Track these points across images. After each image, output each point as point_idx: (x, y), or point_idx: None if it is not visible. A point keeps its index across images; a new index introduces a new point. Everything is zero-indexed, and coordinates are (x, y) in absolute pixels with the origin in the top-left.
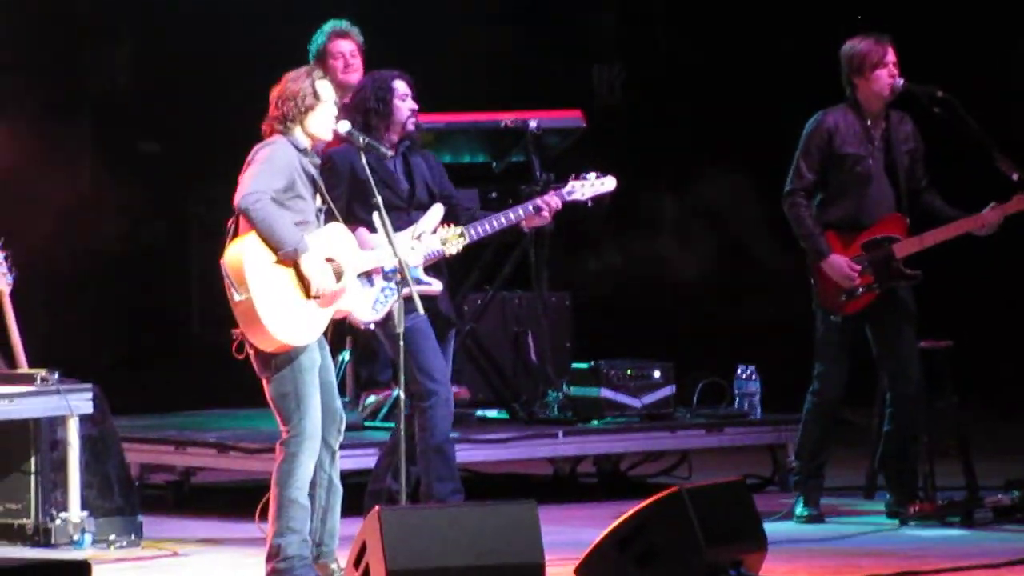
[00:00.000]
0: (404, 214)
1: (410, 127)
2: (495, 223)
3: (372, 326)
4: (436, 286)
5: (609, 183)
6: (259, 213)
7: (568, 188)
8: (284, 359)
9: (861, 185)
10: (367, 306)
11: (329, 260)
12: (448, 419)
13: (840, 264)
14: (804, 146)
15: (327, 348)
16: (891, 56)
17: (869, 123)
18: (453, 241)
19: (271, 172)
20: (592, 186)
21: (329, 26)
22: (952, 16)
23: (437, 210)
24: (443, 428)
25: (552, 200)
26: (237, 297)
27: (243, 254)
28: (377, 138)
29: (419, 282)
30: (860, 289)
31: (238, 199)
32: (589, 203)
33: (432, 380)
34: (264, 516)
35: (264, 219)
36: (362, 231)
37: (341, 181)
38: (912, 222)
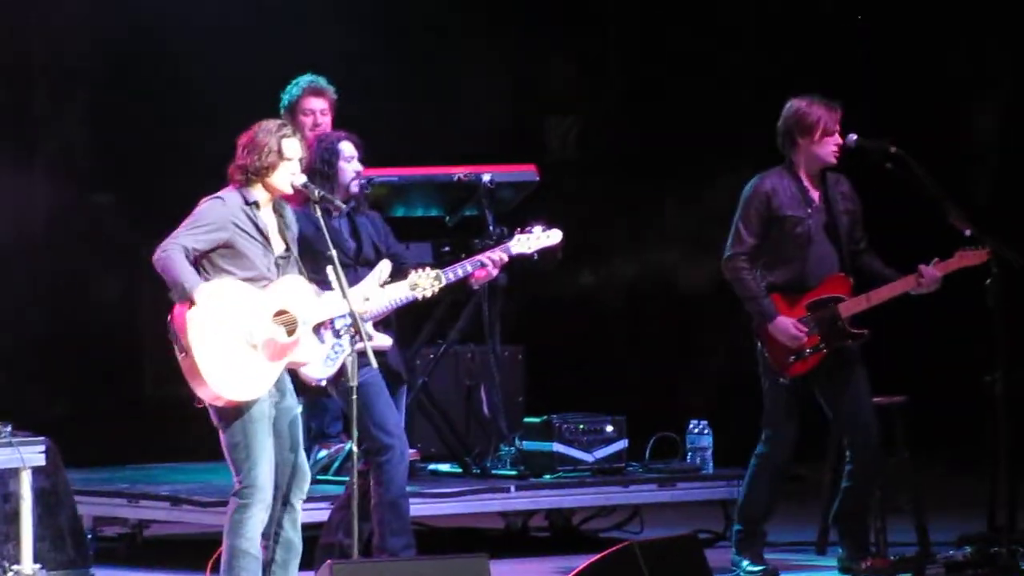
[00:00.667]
0: (351, 271)
1: (354, 189)
2: (447, 276)
3: (323, 382)
4: (386, 341)
5: (555, 236)
6: (160, 262)
7: (514, 240)
8: (234, 411)
9: (802, 247)
10: (319, 363)
11: (282, 312)
12: (404, 473)
13: (787, 325)
14: (743, 211)
15: (293, 401)
16: (838, 124)
17: (806, 184)
18: (426, 284)
19: (190, 228)
20: (538, 239)
21: (305, 81)
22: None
23: (385, 266)
24: (399, 483)
25: (496, 255)
26: (179, 352)
27: (185, 311)
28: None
29: (369, 337)
30: (808, 350)
31: (154, 253)
32: (535, 256)
33: (388, 434)
34: (216, 569)
35: (164, 266)
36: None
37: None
38: (854, 283)
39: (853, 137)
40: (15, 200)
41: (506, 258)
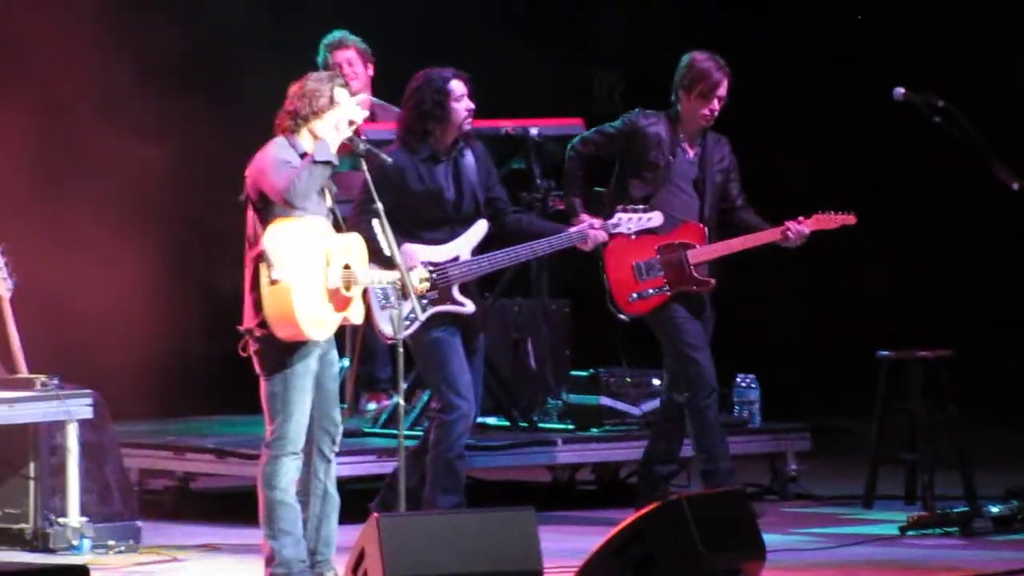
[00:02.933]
0: (448, 228)
1: (466, 127)
2: (532, 249)
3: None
4: (469, 307)
5: (657, 218)
6: (288, 179)
7: (615, 220)
8: (280, 360)
9: (662, 192)
10: (395, 322)
11: (347, 267)
12: (465, 435)
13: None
14: (616, 128)
15: (334, 352)
16: (723, 90)
17: (682, 137)
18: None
19: (278, 166)
20: (640, 220)
21: (327, 39)
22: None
23: (479, 228)
24: (459, 443)
25: (599, 234)
26: (275, 275)
27: (288, 238)
28: (433, 141)
29: (454, 302)
30: (651, 290)
31: (276, 194)
32: (634, 236)
33: (458, 395)
34: None
35: (296, 180)
36: (408, 247)
37: (389, 189)
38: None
39: (900, 90)
40: None
41: (606, 238)
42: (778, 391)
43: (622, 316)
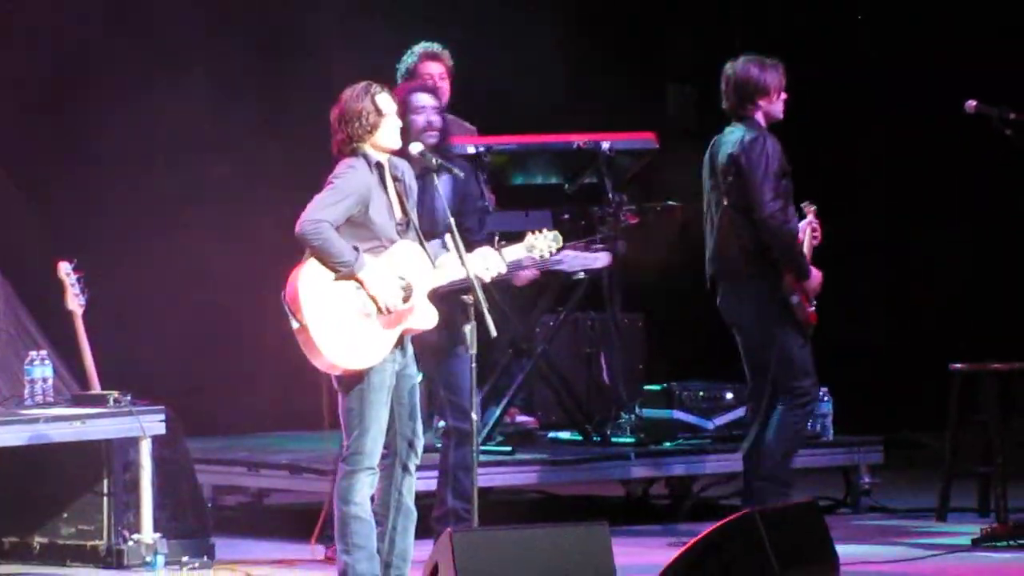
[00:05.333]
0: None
1: (428, 140)
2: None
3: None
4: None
5: (604, 259)
6: (315, 239)
7: (558, 257)
8: (355, 378)
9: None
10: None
11: (400, 278)
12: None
13: (818, 276)
14: (776, 167)
15: (412, 367)
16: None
17: None
18: (544, 246)
19: (335, 200)
20: (584, 259)
21: (420, 47)
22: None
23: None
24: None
25: (527, 274)
26: (295, 324)
27: (299, 281)
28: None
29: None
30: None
31: (299, 224)
32: (582, 274)
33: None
34: (320, 539)
35: (320, 244)
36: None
37: None
38: None
39: (972, 103)
40: None
41: (537, 275)
42: (851, 403)
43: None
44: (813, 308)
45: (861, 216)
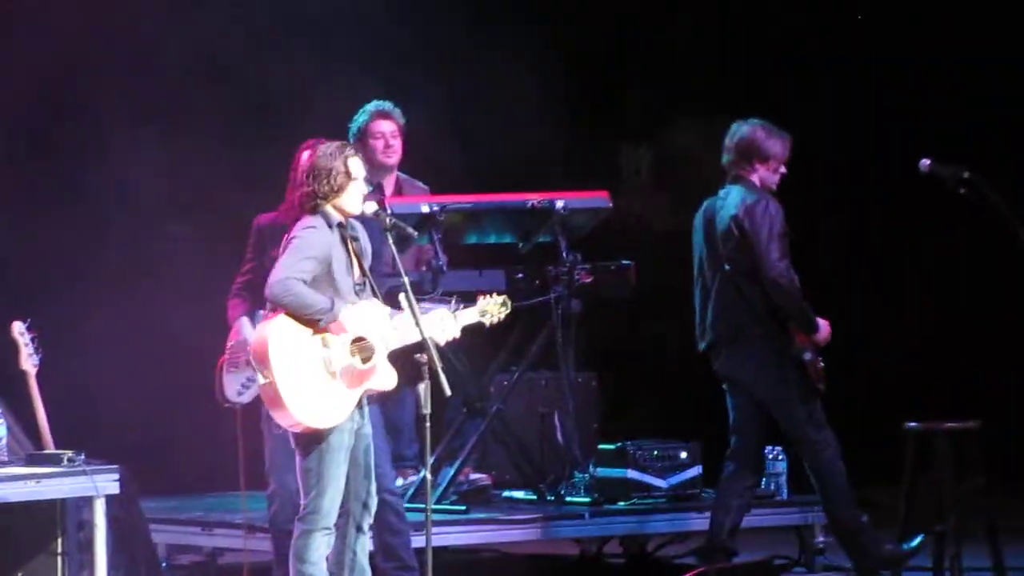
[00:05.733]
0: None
1: None
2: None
3: None
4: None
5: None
6: (287, 297)
7: (456, 307)
8: (313, 437)
9: None
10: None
11: (359, 339)
12: None
13: (828, 327)
14: (779, 228)
15: (368, 426)
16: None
17: None
18: (495, 311)
19: (299, 258)
20: (488, 314)
21: (372, 105)
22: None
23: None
24: None
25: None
26: (261, 380)
27: (268, 337)
28: None
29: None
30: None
31: (267, 288)
32: (487, 325)
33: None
34: None
35: (293, 300)
36: None
37: None
38: None
39: (927, 162)
40: None
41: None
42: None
43: (821, 386)
44: (821, 362)
45: (818, 274)
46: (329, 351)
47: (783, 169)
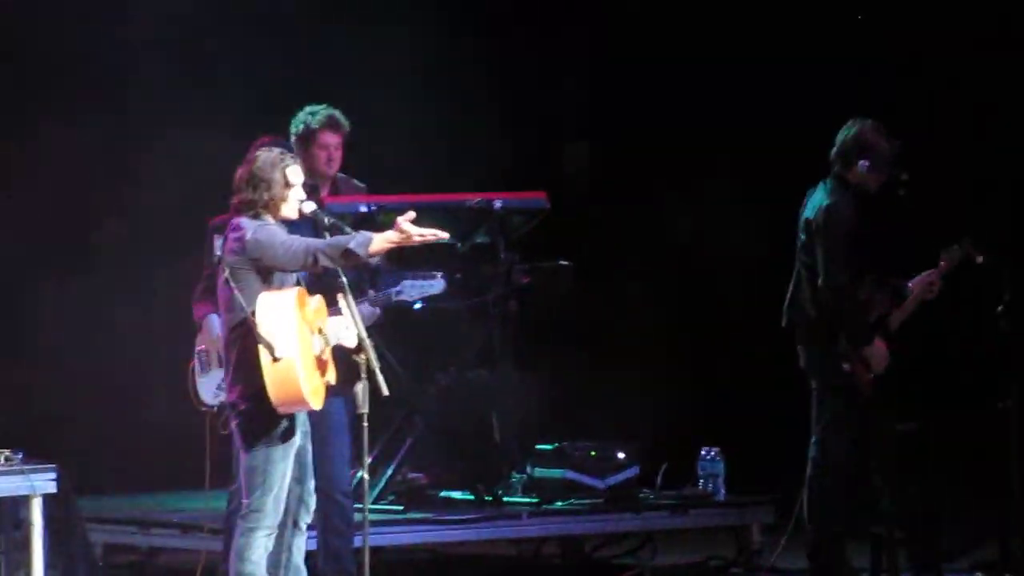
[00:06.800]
0: None
1: None
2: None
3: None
4: None
5: (438, 285)
6: (316, 254)
7: (398, 287)
8: (264, 434)
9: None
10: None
11: (320, 331)
12: None
13: (882, 349)
14: (844, 235)
15: (308, 426)
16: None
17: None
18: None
19: (284, 235)
20: (421, 287)
21: (324, 115)
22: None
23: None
24: None
25: (367, 309)
26: (278, 354)
27: (281, 312)
28: None
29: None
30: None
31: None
32: (417, 304)
33: None
34: None
35: (324, 246)
36: None
37: None
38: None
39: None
40: None
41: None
42: (745, 463)
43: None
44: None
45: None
46: (313, 337)
47: (883, 177)
